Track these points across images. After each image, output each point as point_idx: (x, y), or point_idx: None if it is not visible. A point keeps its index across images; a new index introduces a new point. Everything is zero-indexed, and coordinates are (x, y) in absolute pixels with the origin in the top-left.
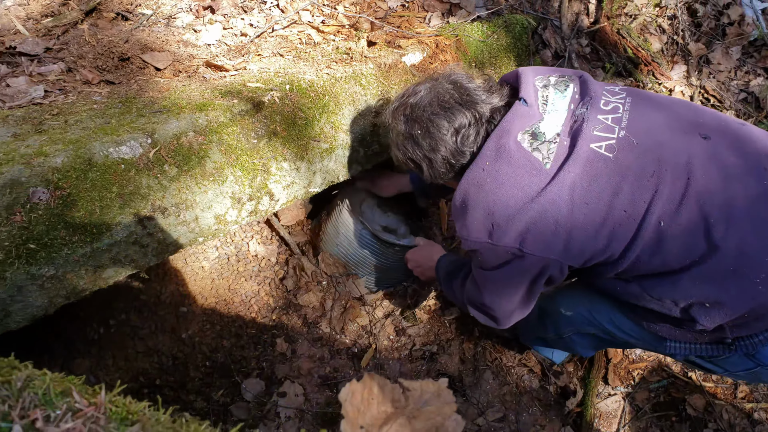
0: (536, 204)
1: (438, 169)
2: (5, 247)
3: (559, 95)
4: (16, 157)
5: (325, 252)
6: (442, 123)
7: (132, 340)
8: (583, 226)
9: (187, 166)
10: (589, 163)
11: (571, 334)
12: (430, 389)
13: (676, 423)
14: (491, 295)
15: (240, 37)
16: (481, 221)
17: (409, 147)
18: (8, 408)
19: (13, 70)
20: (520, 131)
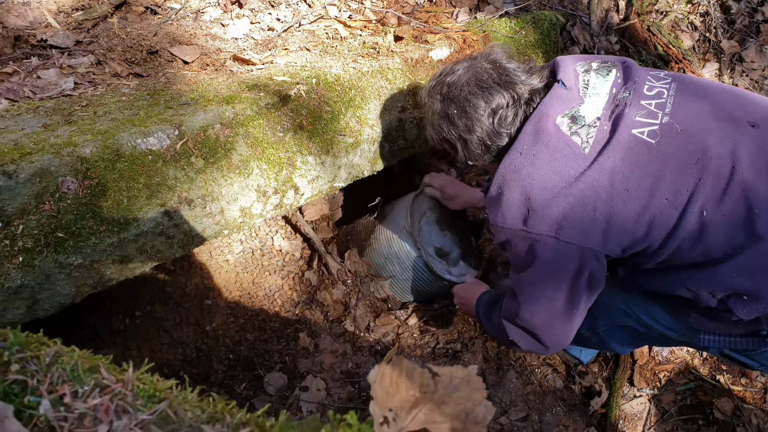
0: (574, 189)
1: (473, 151)
2: (34, 235)
3: (600, 79)
4: (46, 147)
5: (353, 251)
6: (478, 103)
7: (157, 332)
8: (622, 213)
9: (213, 158)
10: (630, 149)
11: (606, 327)
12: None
13: (703, 426)
14: (529, 304)
15: (267, 31)
16: (517, 207)
17: (445, 127)
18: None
19: (44, 62)
20: (560, 114)
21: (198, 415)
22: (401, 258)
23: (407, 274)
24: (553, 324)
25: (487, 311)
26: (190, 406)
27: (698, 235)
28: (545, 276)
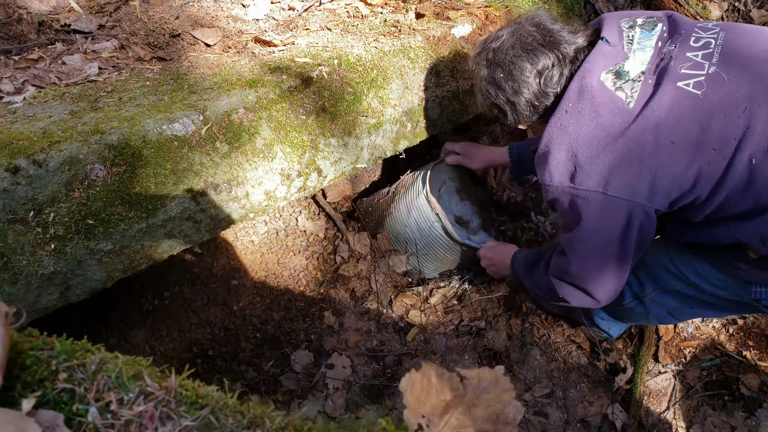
0: (620, 144)
1: (522, 113)
2: (65, 222)
3: (645, 34)
4: (74, 135)
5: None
6: (524, 65)
7: (185, 312)
8: (669, 166)
9: (238, 142)
10: (676, 102)
11: (654, 294)
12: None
13: (728, 402)
14: (580, 261)
15: (288, 11)
16: (564, 164)
17: (492, 92)
18: (84, 391)
19: (68, 48)
20: (604, 70)
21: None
22: (420, 225)
23: (426, 241)
24: (604, 279)
25: (527, 269)
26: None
27: (747, 184)
28: (595, 233)
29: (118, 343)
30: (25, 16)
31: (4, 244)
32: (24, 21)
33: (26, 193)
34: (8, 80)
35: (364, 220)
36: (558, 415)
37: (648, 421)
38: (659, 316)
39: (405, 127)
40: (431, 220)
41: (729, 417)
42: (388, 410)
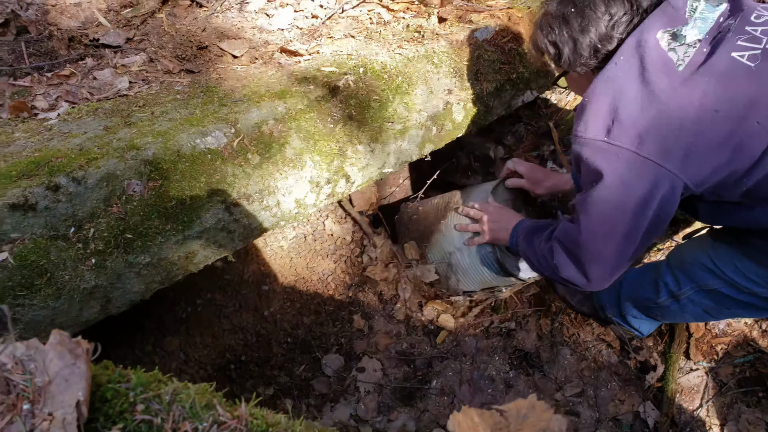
0: (663, 105)
1: (581, 53)
2: (105, 237)
3: (709, 7)
4: (110, 151)
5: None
6: (598, 4)
7: (218, 318)
8: (708, 134)
9: (268, 153)
10: (727, 72)
11: (690, 293)
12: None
13: (763, 399)
14: (588, 223)
15: (311, 19)
16: (603, 116)
17: (556, 26)
18: (161, 421)
19: (98, 63)
20: (662, 29)
21: None
22: (472, 251)
23: (476, 267)
24: (604, 255)
25: (528, 234)
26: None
27: None
28: (614, 193)
29: (153, 350)
30: (56, 33)
31: (47, 260)
32: (55, 37)
33: (67, 210)
34: (42, 97)
35: (405, 227)
36: (589, 414)
37: (681, 419)
38: (695, 315)
39: (430, 131)
40: (487, 249)
41: (764, 413)
42: (419, 412)
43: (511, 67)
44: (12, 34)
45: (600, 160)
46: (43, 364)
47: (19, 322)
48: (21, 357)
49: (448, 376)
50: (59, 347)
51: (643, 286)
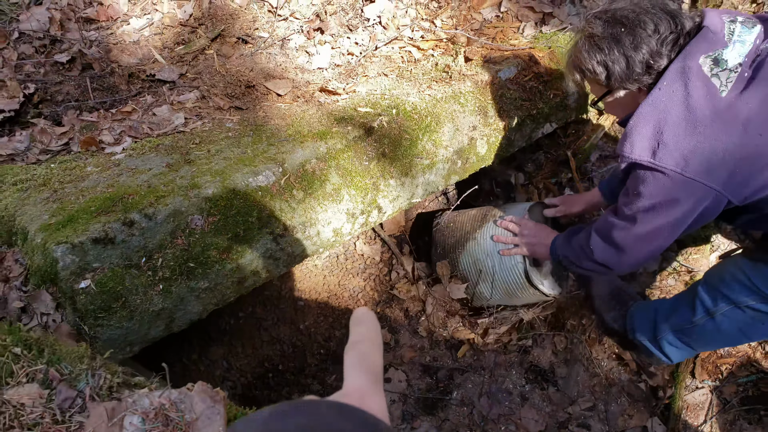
0: (708, 129)
1: (634, 69)
2: (171, 266)
3: (746, 30)
4: (175, 189)
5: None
6: (647, 21)
7: (258, 331)
8: (752, 156)
9: (311, 189)
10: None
11: (725, 309)
12: None
13: (764, 417)
14: (634, 232)
15: (347, 56)
16: (648, 138)
17: (606, 47)
18: None
19: (156, 100)
20: (704, 54)
21: None
22: (504, 260)
23: (504, 275)
24: (641, 250)
25: (566, 238)
26: None
27: None
28: (661, 206)
29: (198, 359)
30: (117, 69)
31: (122, 286)
32: (116, 73)
33: (139, 243)
34: (108, 131)
35: (441, 233)
36: (600, 428)
37: None
38: (730, 334)
39: (455, 164)
40: (517, 259)
41: (765, 431)
42: (441, 421)
43: (532, 104)
44: (78, 70)
45: (646, 178)
46: (191, 405)
47: (98, 340)
48: (174, 399)
49: (467, 388)
50: (202, 393)
51: (681, 308)
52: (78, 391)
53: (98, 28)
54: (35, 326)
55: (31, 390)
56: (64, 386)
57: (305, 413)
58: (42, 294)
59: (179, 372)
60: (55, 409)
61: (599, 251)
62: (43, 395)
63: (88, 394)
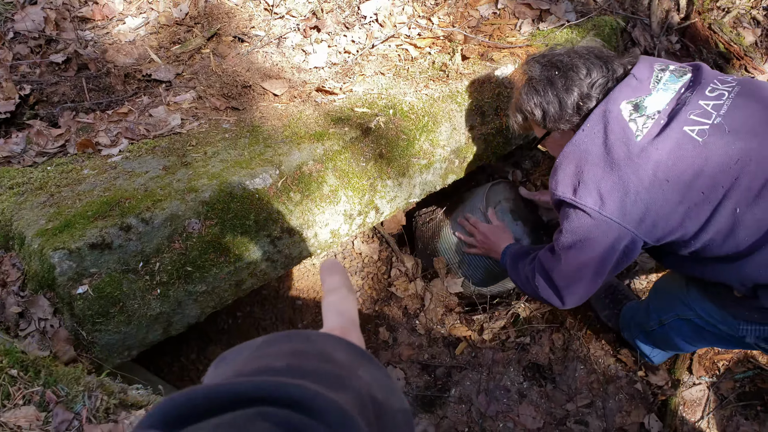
0: (621, 171)
1: (566, 110)
2: (168, 270)
3: (673, 78)
4: (172, 193)
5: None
6: (581, 68)
7: (256, 330)
8: (660, 201)
9: (308, 191)
10: (678, 144)
11: (671, 320)
12: None
13: (761, 412)
14: (563, 268)
15: (344, 54)
16: (570, 176)
17: (541, 88)
18: None
19: (152, 100)
20: (625, 100)
21: None
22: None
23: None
24: (576, 286)
25: (514, 258)
26: None
27: (730, 231)
28: (582, 243)
29: (197, 359)
30: (113, 69)
31: (120, 291)
32: (112, 74)
33: (136, 247)
34: (104, 133)
35: (420, 230)
36: (597, 424)
37: (683, 430)
38: (677, 343)
39: (453, 163)
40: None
41: (761, 426)
42: (439, 419)
43: None
44: (73, 71)
45: (570, 214)
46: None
47: (96, 344)
48: None
49: (465, 385)
50: None
51: (642, 311)
52: (75, 413)
53: (93, 27)
54: (33, 331)
55: (27, 412)
56: (60, 408)
57: (296, 340)
58: (40, 299)
59: (177, 372)
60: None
61: (542, 289)
62: (40, 417)
63: (84, 416)
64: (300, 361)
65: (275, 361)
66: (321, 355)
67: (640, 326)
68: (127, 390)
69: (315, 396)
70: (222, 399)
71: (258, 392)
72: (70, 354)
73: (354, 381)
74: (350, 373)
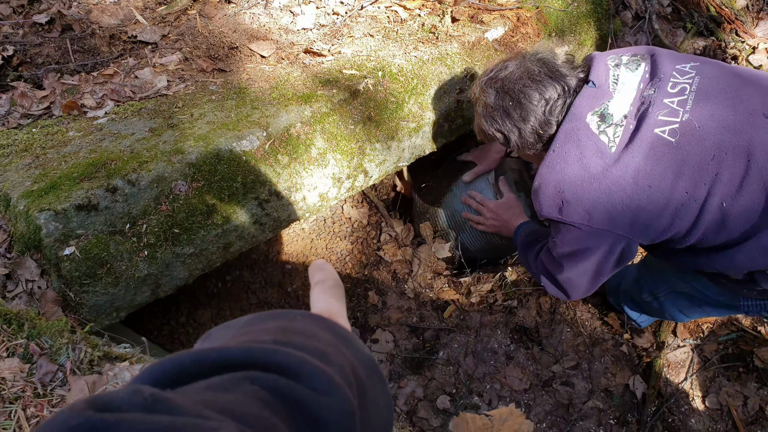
0: (602, 185)
1: (526, 139)
2: (155, 232)
3: (629, 74)
4: (158, 155)
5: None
6: (533, 94)
7: (246, 294)
8: (646, 207)
9: (296, 153)
10: (653, 149)
11: (666, 293)
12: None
13: (743, 374)
14: (565, 274)
15: (332, 16)
16: (552, 198)
17: (498, 118)
18: None
19: (138, 62)
20: (590, 112)
21: None
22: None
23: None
24: (580, 285)
25: (526, 245)
26: None
27: (720, 225)
28: (579, 252)
29: (187, 322)
30: (98, 31)
31: (107, 252)
32: (97, 35)
33: (123, 209)
34: (89, 95)
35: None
36: (583, 385)
37: (667, 391)
38: (671, 313)
39: (442, 127)
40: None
41: (743, 387)
42: (427, 380)
43: None
44: (57, 32)
45: (561, 230)
46: None
47: (84, 306)
48: None
49: (453, 347)
50: None
51: (633, 282)
52: (59, 365)
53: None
54: (21, 293)
55: (11, 364)
56: (44, 360)
57: (282, 318)
58: (26, 261)
59: (167, 335)
60: (36, 383)
61: (548, 287)
62: (24, 369)
63: (68, 367)
64: (286, 337)
65: (261, 336)
66: (305, 332)
67: (627, 293)
68: (111, 344)
69: (302, 362)
70: (211, 363)
71: (246, 358)
72: (58, 315)
73: (338, 358)
74: (335, 350)
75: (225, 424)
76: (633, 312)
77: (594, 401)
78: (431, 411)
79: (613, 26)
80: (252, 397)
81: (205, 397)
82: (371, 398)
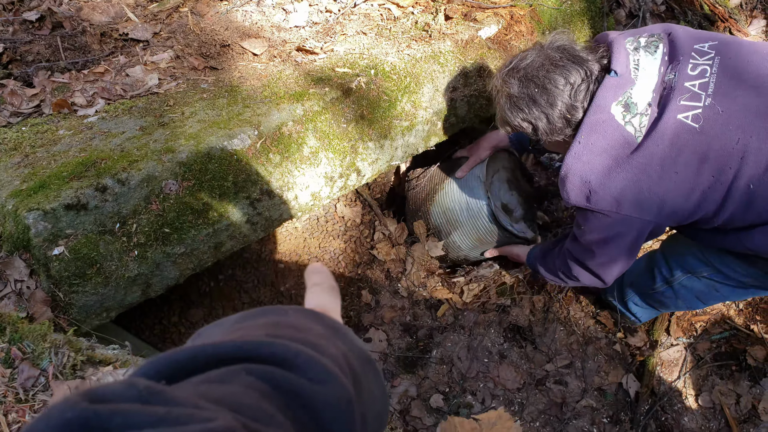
0: (629, 173)
1: (555, 124)
2: (146, 231)
3: (649, 58)
4: (149, 153)
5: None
6: (558, 79)
7: (238, 293)
8: (673, 192)
9: (288, 152)
10: (677, 135)
11: (682, 278)
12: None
13: (736, 372)
14: (596, 260)
15: (325, 13)
16: (579, 187)
17: (525, 106)
18: None
19: (129, 60)
20: (614, 102)
21: None
22: (470, 205)
23: (473, 221)
24: (613, 268)
25: (542, 255)
26: None
27: (748, 204)
28: (609, 238)
29: (179, 321)
30: (89, 28)
31: (97, 252)
32: (88, 32)
33: (113, 208)
34: (80, 93)
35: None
36: (577, 384)
37: (660, 389)
38: (687, 300)
39: (435, 125)
40: (482, 202)
41: (735, 385)
42: (420, 379)
43: None
44: (48, 29)
45: (589, 218)
46: None
47: (74, 306)
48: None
49: (447, 346)
50: None
51: (642, 274)
52: (41, 369)
53: None
54: (9, 293)
55: None
56: (26, 365)
57: (273, 314)
58: (15, 260)
59: (159, 335)
60: (18, 388)
61: (583, 278)
62: (6, 374)
63: (51, 372)
64: (278, 331)
65: (253, 331)
66: (297, 326)
67: (634, 287)
68: (95, 347)
69: (297, 353)
70: (206, 358)
71: (241, 351)
72: (48, 316)
73: (332, 349)
74: (328, 342)
75: (221, 414)
76: (635, 307)
77: (587, 400)
78: (424, 410)
79: (606, 24)
80: (248, 389)
81: (200, 389)
82: (366, 388)
